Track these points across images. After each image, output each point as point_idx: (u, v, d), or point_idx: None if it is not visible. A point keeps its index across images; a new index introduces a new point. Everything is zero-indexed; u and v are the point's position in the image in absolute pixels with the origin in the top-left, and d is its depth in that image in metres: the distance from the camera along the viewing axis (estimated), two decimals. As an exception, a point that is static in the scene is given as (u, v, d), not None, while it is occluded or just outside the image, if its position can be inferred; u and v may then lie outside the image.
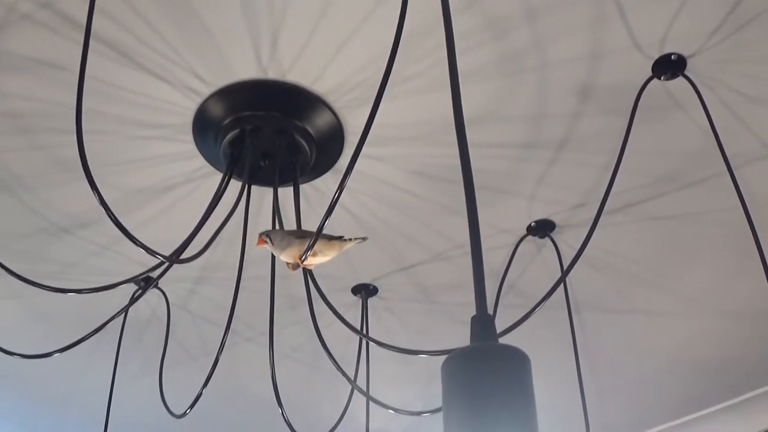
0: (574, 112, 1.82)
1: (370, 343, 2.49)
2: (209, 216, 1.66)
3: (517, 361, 0.67)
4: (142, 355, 2.81)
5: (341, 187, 1.20)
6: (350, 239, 1.63)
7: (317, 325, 1.84)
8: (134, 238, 1.29)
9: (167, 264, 1.67)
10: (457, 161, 1.92)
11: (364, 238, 1.64)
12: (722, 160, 1.89)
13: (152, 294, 2.46)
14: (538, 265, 2.33)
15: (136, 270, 2.33)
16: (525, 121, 1.84)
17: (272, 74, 1.72)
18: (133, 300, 1.79)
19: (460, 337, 2.69)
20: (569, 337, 2.64)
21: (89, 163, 1.89)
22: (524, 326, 2.54)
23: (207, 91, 1.75)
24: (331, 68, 1.70)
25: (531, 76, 1.73)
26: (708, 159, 1.96)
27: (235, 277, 2.35)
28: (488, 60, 1.69)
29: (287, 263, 1.63)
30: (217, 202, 1.73)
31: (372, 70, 1.71)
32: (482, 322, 0.71)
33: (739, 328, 2.66)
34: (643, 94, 1.75)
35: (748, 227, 1.72)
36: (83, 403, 3.15)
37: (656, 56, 1.69)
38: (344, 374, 1.85)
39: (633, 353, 2.81)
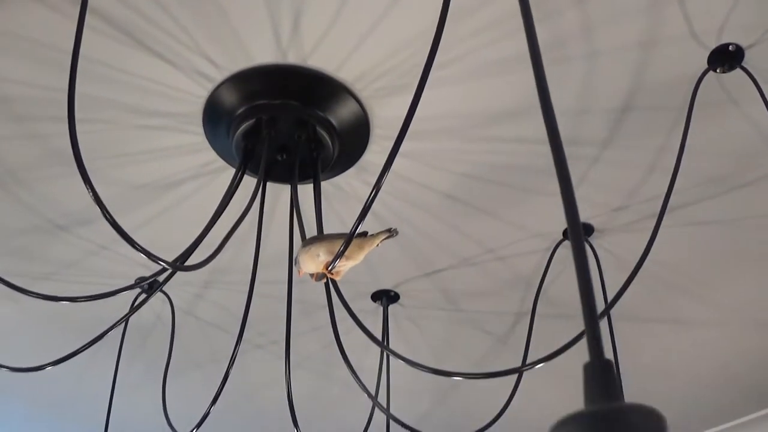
0: (621, 107, 1.69)
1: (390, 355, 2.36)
2: (220, 216, 1.51)
3: (655, 429, 0.49)
4: (146, 361, 2.70)
5: (377, 187, 1.03)
6: (379, 234, 1.45)
7: (338, 334, 1.71)
8: (134, 241, 1.13)
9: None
10: (493, 158, 1.81)
11: (391, 231, 1.45)
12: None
13: (156, 297, 2.34)
14: (572, 271, 2.18)
15: (139, 272, 2.22)
16: (567, 116, 1.70)
17: (292, 59, 1.58)
18: (134, 308, 1.64)
19: (486, 347, 2.56)
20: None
21: (87, 154, 1.79)
22: (557, 336, 2.41)
23: (219, 76, 1.62)
24: (358, 53, 1.57)
25: (576, 66, 1.59)
26: (761, 159, 1.83)
27: (245, 281, 2.25)
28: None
29: (310, 274, 1.46)
30: (229, 200, 1.60)
31: (403, 56, 1.57)
32: (600, 374, 0.53)
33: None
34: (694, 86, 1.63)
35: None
36: (82, 410, 3.05)
37: (713, 46, 1.57)
38: (366, 391, 1.70)
39: (664, 363, 2.68)
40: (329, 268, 1.37)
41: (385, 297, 2.29)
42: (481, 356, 2.59)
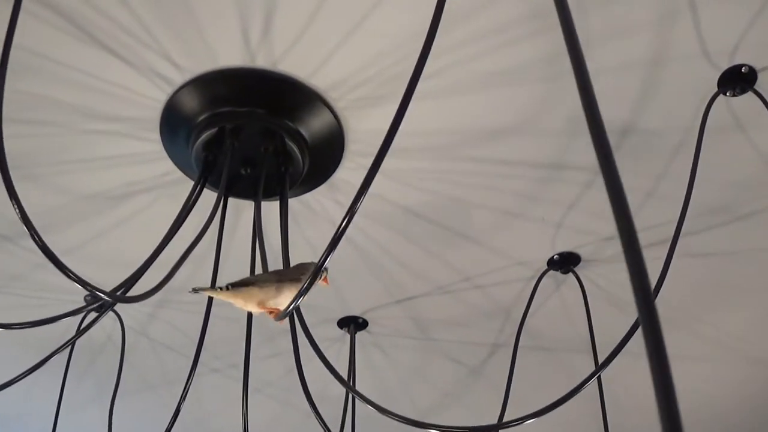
0: (620, 130, 1.57)
1: (358, 380, 2.22)
2: (173, 235, 1.37)
3: None
4: (95, 379, 2.53)
5: (351, 213, 0.89)
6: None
7: (300, 363, 1.60)
8: (66, 268, 0.97)
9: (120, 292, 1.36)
10: (477, 179, 1.69)
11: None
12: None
13: (107, 315, 2.16)
14: (555, 302, 2.07)
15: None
16: (561, 137, 1.58)
17: (261, 62, 1.44)
18: (81, 332, 1.50)
19: (456, 377, 2.43)
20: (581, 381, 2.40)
21: (31, 159, 1.64)
22: (534, 369, 2.29)
23: (180, 79, 1.47)
24: (334, 59, 1.43)
25: (573, 84, 1.45)
26: (765, 189, 1.72)
27: (202, 301, 2.08)
28: (529, 59, 1.42)
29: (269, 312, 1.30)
30: (185, 217, 1.46)
31: (386, 64, 1.43)
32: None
33: (768, 378, 2.44)
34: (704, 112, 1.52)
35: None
36: (29, 427, 2.86)
37: (725, 67, 1.45)
38: (327, 430, 1.56)
39: (652, 399, 2.53)
40: (289, 308, 1.19)
41: (353, 324, 2.15)
42: (453, 387, 2.45)
